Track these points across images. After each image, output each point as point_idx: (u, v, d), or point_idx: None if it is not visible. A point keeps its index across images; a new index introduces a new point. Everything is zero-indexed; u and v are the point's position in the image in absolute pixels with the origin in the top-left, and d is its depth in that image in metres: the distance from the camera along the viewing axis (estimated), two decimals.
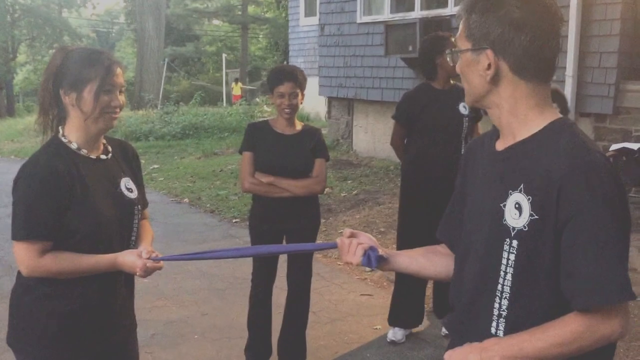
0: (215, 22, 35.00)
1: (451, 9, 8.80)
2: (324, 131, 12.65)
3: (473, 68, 1.57)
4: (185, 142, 13.69)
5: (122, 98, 2.24)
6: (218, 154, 11.84)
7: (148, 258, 2.18)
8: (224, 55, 23.36)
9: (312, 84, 15.33)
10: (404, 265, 1.87)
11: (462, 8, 1.59)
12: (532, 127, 1.54)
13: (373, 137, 10.46)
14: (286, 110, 3.60)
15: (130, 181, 2.37)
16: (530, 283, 1.48)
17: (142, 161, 11.33)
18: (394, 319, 4.43)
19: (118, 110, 2.23)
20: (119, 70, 2.21)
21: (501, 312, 1.53)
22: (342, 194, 8.32)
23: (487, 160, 1.65)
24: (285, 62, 23.07)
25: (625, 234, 1.44)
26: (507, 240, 1.50)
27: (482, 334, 1.55)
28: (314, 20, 15.24)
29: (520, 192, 1.49)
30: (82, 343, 2.25)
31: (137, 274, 2.19)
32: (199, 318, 4.84)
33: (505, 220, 1.51)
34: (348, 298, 5.24)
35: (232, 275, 5.67)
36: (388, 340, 4.39)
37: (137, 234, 2.38)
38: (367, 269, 5.78)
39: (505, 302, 1.52)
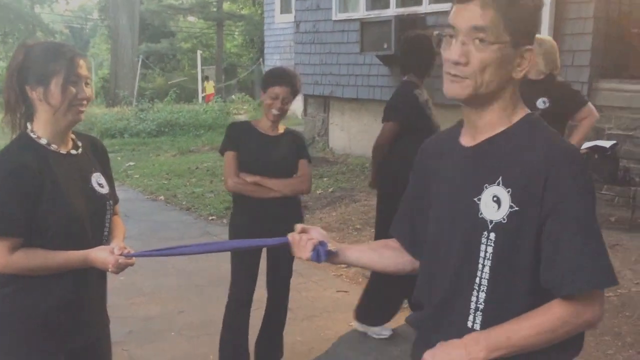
0: (191, 18, 34.78)
1: (426, 7, 8.88)
2: (300, 129, 12.69)
3: (505, 62, 1.49)
4: (160, 139, 13.62)
5: (88, 90, 2.23)
6: (194, 152, 11.80)
7: (120, 254, 2.17)
8: (199, 53, 23.22)
9: None
10: (354, 258, 1.90)
11: None
12: (507, 121, 1.56)
13: (349, 134, 10.50)
14: (275, 113, 3.51)
15: (102, 176, 2.36)
16: (507, 275, 1.50)
17: (118, 158, 11.39)
18: (372, 318, 4.47)
19: (85, 102, 2.22)
20: (82, 62, 2.21)
21: (478, 305, 1.54)
22: (318, 192, 8.34)
23: (452, 156, 1.65)
24: (260, 60, 23.03)
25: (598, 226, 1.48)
26: (485, 233, 1.50)
27: (458, 328, 1.57)
28: (290, 17, 15.25)
29: (498, 185, 1.49)
30: (54, 339, 2.25)
31: (109, 270, 2.19)
32: (177, 315, 4.84)
33: (481, 214, 1.51)
34: (324, 295, 5.27)
35: (211, 272, 5.66)
36: (375, 337, 4.42)
37: (109, 230, 2.37)
38: (343, 265, 5.89)
39: (482, 295, 1.53)
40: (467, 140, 1.62)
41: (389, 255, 1.88)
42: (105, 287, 2.47)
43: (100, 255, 2.18)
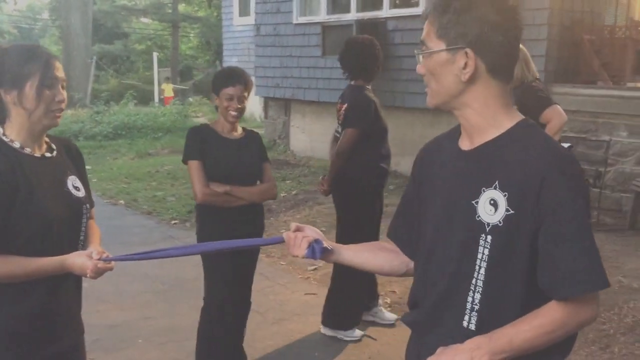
0: (144, 20, 34.33)
1: (386, 11, 8.98)
2: (260, 131, 12.68)
3: (447, 68, 1.58)
4: (117, 142, 13.38)
5: (64, 93, 2.18)
6: (152, 155, 11.66)
7: (99, 259, 2.12)
8: (155, 54, 22.93)
9: None
10: (348, 257, 1.93)
11: (433, 8, 1.61)
12: (501, 126, 1.59)
13: (310, 137, 10.54)
14: (233, 114, 3.46)
15: (77, 179, 2.30)
16: (502, 276, 1.54)
17: None
18: (341, 322, 4.50)
19: (63, 105, 2.17)
20: (58, 64, 2.15)
21: (474, 305, 1.58)
22: (282, 194, 8.35)
23: (451, 160, 1.69)
24: (217, 62, 22.89)
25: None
26: (482, 235, 1.54)
27: (453, 328, 1.61)
28: (248, 20, 15.20)
29: (494, 188, 1.54)
30: (30, 348, 2.19)
31: (88, 275, 2.12)
32: (142, 321, 4.78)
33: (479, 216, 1.55)
34: (293, 297, 5.28)
35: (174, 276, 5.61)
36: (346, 339, 4.45)
37: (85, 235, 2.30)
38: (310, 267, 5.92)
39: (478, 296, 1.57)
40: (465, 144, 1.67)
41: (384, 256, 1.92)
42: (80, 294, 2.42)
43: (77, 260, 2.12)
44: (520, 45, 4.29)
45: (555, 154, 1.52)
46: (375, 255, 1.94)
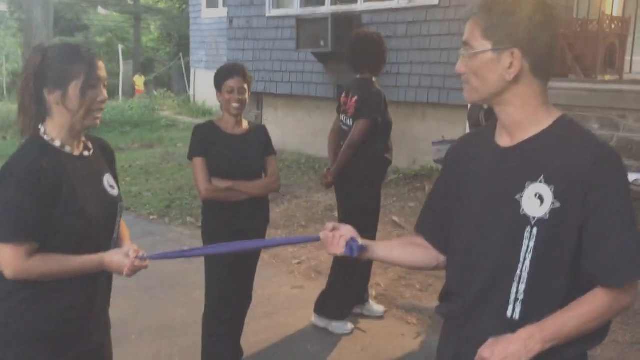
0: (103, 11, 33.70)
1: (361, 5, 9.03)
2: None
3: (492, 67, 1.63)
4: None
5: (105, 92, 2.22)
6: (124, 150, 11.51)
7: (135, 257, 2.17)
8: (119, 47, 22.55)
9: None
10: (382, 254, 2.00)
11: (478, 9, 1.65)
12: (541, 123, 1.65)
13: (282, 130, 10.52)
14: (235, 105, 3.51)
15: (112, 178, 2.34)
16: (547, 268, 1.60)
17: None
18: (334, 312, 4.56)
19: (103, 105, 2.22)
20: (101, 64, 2.18)
21: (518, 296, 1.64)
22: None
23: (489, 156, 1.74)
24: (180, 54, 22.59)
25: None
26: (528, 228, 1.60)
27: (496, 318, 1.67)
28: (216, 12, 15.13)
29: (540, 182, 1.59)
30: (64, 345, 2.22)
31: (125, 273, 2.18)
32: (133, 318, 4.75)
33: (523, 210, 1.61)
34: (280, 291, 5.31)
35: (158, 272, 5.57)
36: (337, 332, 4.50)
37: (118, 232, 2.34)
38: (294, 260, 5.95)
39: (522, 287, 1.63)
40: (504, 140, 1.72)
41: (414, 252, 1.98)
42: (110, 290, 2.44)
43: (115, 258, 2.18)
44: None
45: (601, 150, 1.59)
46: (406, 251, 1.99)
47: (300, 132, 10.16)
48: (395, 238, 2.65)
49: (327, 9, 9.39)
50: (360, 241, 1.93)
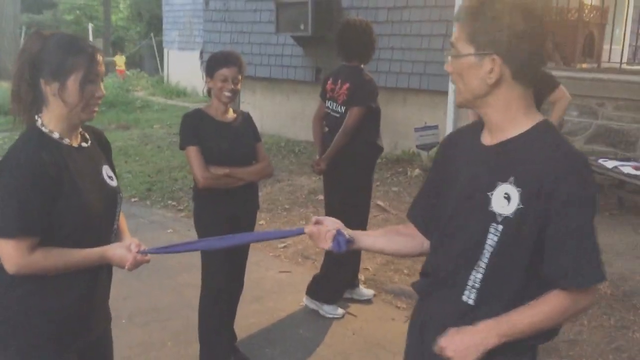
0: None
1: None
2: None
3: (474, 71, 1.69)
4: None
5: (103, 88, 2.18)
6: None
7: (137, 251, 2.15)
8: (90, 25, 22.14)
9: (188, 58, 15.12)
10: (368, 244, 2.09)
11: (464, 13, 1.71)
12: (520, 126, 1.72)
13: (261, 113, 10.51)
14: (227, 95, 3.51)
15: (109, 169, 2.31)
16: (505, 263, 1.70)
17: (16, 137, 10.71)
18: (326, 295, 4.62)
19: (100, 100, 2.16)
20: (101, 58, 2.13)
21: (475, 283, 1.76)
22: None
23: (472, 152, 1.83)
24: (151, 34, 22.34)
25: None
26: (494, 224, 1.69)
27: (454, 300, 1.80)
28: None
29: (510, 183, 1.67)
30: (67, 337, 2.21)
31: (126, 268, 2.15)
32: (122, 302, 4.74)
33: (491, 207, 1.69)
34: (267, 275, 5.33)
35: None
36: (328, 316, 4.56)
37: (117, 224, 2.31)
38: (280, 244, 5.98)
39: (479, 276, 1.74)
40: (487, 139, 1.81)
41: (399, 241, 2.08)
42: (110, 283, 2.42)
43: (118, 252, 2.14)
44: None
45: (569, 156, 1.65)
46: (391, 241, 2.09)
47: (279, 115, 10.16)
48: (381, 227, 2.86)
49: None
50: (347, 234, 1.99)
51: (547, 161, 1.64)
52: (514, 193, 1.66)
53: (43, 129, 2.10)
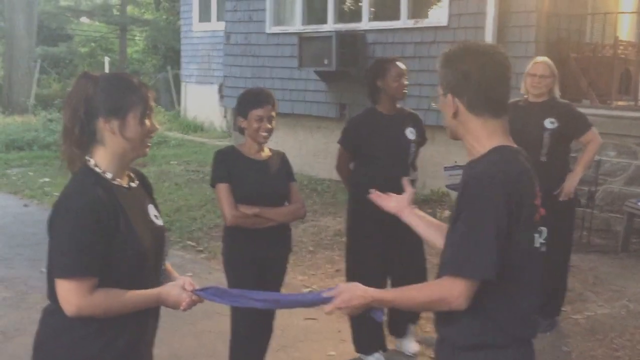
0: (84, 20, 33.27)
1: (366, 24, 8.87)
2: (229, 142, 12.35)
3: (445, 108, 2.07)
4: None
5: (156, 122, 2.23)
6: None
7: (192, 290, 2.14)
8: (106, 59, 22.20)
9: (207, 92, 15.02)
10: (413, 223, 2.47)
11: (438, 64, 2.09)
12: (480, 151, 2.01)
13: (283, 150, 10.30)
14: (264, 135, 3.48)
15: (154, 208, 2.32)
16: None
17: (30, 173, 10.64)
18: (363, 346, 4.33)
19: (153, 135, 2.23)
20: (152, 94, 2.21)
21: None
22: None
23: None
24: (168, 67, 22.30)
25: (491, 227, 1.86)
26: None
27: None
28: (209, 26, 14.93)
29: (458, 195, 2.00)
30: None
31: (182, 308, 2.14)
32: None
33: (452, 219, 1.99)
34: (292, 323, 5.06)
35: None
36: None
37: (164, 264, 2.33)
38: (305, 289, 5.71)
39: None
40: None
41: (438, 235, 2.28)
42: (156, 328, 2.36)
43: (173, 292, 2.14)
44: (549, 61, 4.52)
45: (473, 174, 1.96)
46: (429, 231, 2.40)
47: (301, 152, 9.94)
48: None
49: (330, 26, 9.21)
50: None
51: (471, 174, 1.97)
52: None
53: (96, 169, 2.13)
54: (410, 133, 4.27)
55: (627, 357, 4.34)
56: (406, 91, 4.25)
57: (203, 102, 15.52)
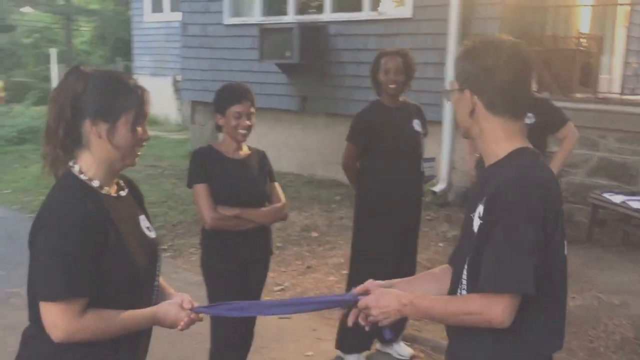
0: (28, 10, 32.16)
1: (328, 15, 8.77)
2: (186, 137, 12.07)
3: (459, 104, 1.95)
4: (24, 147, 12.19)
5: (148, 129, 2.02)
6: None
7: (190, 308, 1.98)
8: (54, 50, 21.48)
9: (161, 85, 14.70)
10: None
11: (455, 57, 2.00)
12: (499, 153, 1.90)
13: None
14: (242, 132, 3.33)
15: (146, 219, 2.11)
16: (475, 269, 1.84)
17: None
18: (346, 345, 4.26)
19: (145, 143, 2.01)
20: (150, 98, 2.00)
21: (463, 282, 1.94)
22: None
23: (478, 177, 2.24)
24: (117, 58, 21.73)
25: (531, 238, 1.76)
26: (472, 239, 1.87)
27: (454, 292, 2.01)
28: (162, 16, 14.58)
29: (482, 203, 1.85)
30: None
31: (179, 328, 1.97)
32: None
33: (473, 226, 1.88)
34: (266, 322, 4.89)
35: None
36: None
37: (158, 281, 2.10)
38: (276, 287, 5.61)
39: (464, 292, 1.91)
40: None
41: (431, 287, 2.13)
42: (148, 346, 2.15)
43: (171, 311, 1.96)
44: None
45: (508, 181, 1.81)
46: (422, 285, 2.18)
47: (261, 145, 9.74)
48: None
49: (291, 18, 9.07)
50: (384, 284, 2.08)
51: (498, 184, 1.82)
52: (482, 210, 1.84)
53: (81, 176, 1.92)
54: (416, 125, 4.21)
55: (602, 348, 4.38)
56: (393, 86, 4.14)
57: (157, 95, 15.13)
